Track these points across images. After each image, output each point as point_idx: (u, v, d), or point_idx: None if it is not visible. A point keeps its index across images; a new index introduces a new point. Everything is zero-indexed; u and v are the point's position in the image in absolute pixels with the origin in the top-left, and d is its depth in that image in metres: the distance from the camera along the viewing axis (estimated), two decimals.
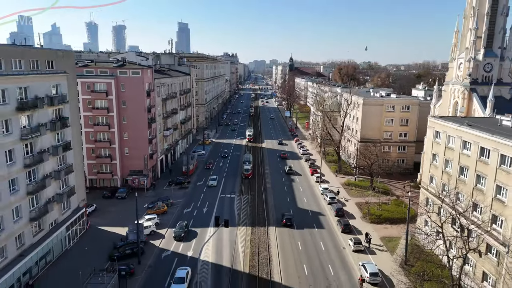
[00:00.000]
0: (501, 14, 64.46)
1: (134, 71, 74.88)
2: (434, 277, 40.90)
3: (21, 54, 43.94)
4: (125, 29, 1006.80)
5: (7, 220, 40.10)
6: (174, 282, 43.24)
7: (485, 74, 66.50)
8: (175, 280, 43.44)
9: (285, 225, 60.88)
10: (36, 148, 45.27)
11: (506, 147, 36.99)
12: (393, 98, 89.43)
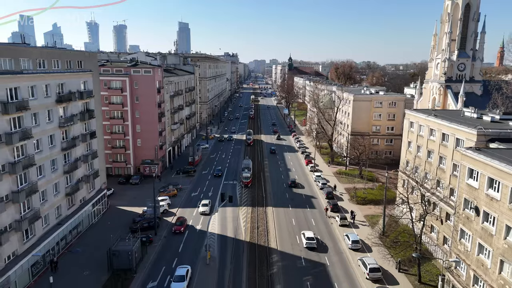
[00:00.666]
0: (473, 19, 72.86)
1: (146, 70, 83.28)
2: (404, 241, 49.39)
3: (59, 55, 52.30)
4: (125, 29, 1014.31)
5: (49, 193, 48.38)
6: (174, 280, 43.57)
7: (459, 73, 74.91)
8: (175, 278, 43.82)
9: (290, 186, 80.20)
10: (70, 135, 53.58)
11: (460, 132, 45.34)
12: (381, 95, 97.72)
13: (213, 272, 47.62)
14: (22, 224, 41.36)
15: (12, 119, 40.73)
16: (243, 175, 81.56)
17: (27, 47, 47.87)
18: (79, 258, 49.62)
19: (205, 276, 46.72)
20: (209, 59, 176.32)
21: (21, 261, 41.48)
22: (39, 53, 47.54)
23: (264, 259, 50.80)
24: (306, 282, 45.74)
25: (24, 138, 41.99)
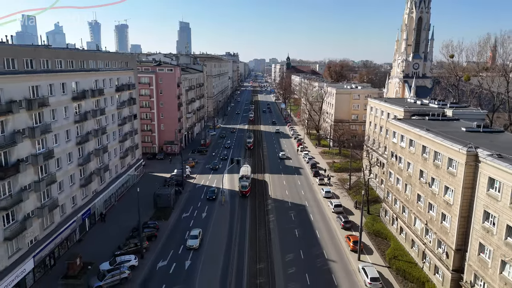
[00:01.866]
0: (424, 29, 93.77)
1: (169, 68, 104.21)
2: (361, 189, 70.42)
3: (116, 57, 73.30)
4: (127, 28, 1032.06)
5: (112, 155, 69.21)
6: (189, 238, 54.03)
7: (414, 70, 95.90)
8: (190, 236, 54.11)
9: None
10: (121, 116, 74.42)
11: (395, 110, 66.28)
12: (359, 89, 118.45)
13: (226, 210, 68.60)
14: (101, 171, 62.37)
15: (96, 101, 61.65)
16: (240, 184, 75.02)
17: (100, 52, 68.97)
18: (130, 203, 70.60)
19: (221, 212, 67.69)
20: (214, 59, 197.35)
21: (87, 207, 62.50)
22: (107, 56, 68.63)
23: (262, 202, 71.88)
24: (290, 214, 66.80)
25: (101, 114, 62.93)
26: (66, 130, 52.12)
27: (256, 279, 46.40)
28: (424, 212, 47.05)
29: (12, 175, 39.77)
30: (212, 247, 54.33)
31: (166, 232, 59.08)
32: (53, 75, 48.76)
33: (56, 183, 48.64)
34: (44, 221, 46.46)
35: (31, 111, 43.17)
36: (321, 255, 52.63)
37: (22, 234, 41.29)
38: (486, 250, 34.88)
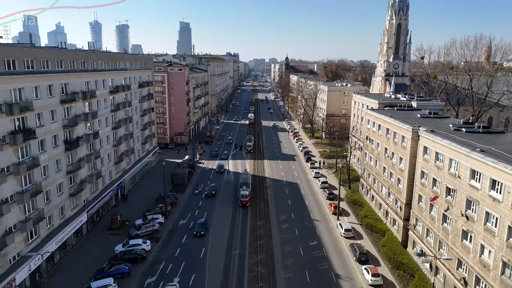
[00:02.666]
0: (402, 34, 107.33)
1: (179, 68, 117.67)
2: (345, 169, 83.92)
3: (137, 58, 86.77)
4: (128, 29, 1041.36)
5: (136, 141, 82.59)
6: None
7: (394, 70, 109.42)
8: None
9: None
10: (142, 108, 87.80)
11: (371, 103, 79.76)
12: (348, 87, 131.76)
13: (231, 186, 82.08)
14: (129, 153, 75.83)
15: (123, 95, 75.06)
16: (240, 193, 70.80)
17: (127, 55, 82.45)
18: (151, 181, 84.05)
19: (227, 188, 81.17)
20: (217, 59, 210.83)
21: (113, 186, 76.04)
22: (132, 58, 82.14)
23: (261, 180, 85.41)
24: (285, 189, 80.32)
25: (129, 106, 76.39)
26: (105, 117, 65.62)
27: (257, 231, 59.87)
28: (387, 180, 60.58)
29: (74, 148, 53.18)
30: (222, 209, 67.84)
31: (183, 202, 72.63)
32: (99, 74, 62.30)
33: (100, 158, 62.18)
34: (93, 187, 59.95)
35: (85, 100, 56.65)
36: (308, 217, 66.20)
37: (79, 193, 54.79)
38: (423, 199, 48.40)
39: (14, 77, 40.73)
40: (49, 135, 47.14)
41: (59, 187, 49.80)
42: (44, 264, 45.94)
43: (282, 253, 53.34)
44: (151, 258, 51.66)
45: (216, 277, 47.11)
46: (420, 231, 48.87)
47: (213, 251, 53.72)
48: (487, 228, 34.55)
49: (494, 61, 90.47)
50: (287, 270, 48.95)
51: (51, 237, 46.96)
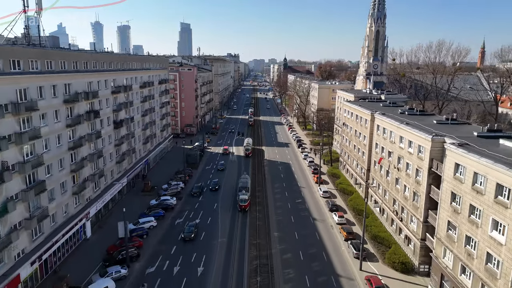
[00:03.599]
0: (380, 39, 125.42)
1: (189, 68, 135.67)
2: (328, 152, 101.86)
3: (157, 59, 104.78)
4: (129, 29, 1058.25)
5: (157, 128, 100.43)
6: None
7: (374, 70, 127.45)
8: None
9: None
10: (161, 102, 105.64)
11: (349, 96, 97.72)
12: (336, 85, 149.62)
13: (235, 164, 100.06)
14: (152, 137, 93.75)
15: (148, 90, 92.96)
16: (239, 197, 69.03)
17: (151, 57, 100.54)
18: (168, 162, 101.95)
19: (232, 165, 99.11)
20: (220, 60, 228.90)
21: (139, 164, 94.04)
22: (154, 59, 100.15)
23: (260, 161, 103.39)
24: (279, 167, 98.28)
25: (152, 98, 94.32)
26: (137, 107, 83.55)
27: (256, 195, 77.74)
28: (356, 154, 78.61)
29: (118, 128, 71.03)
30: (229, 177, 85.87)
31: (197, 175, 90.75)
32: (133, 72, 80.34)
33: (134, 138, 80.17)
34: (129, 159, 77.90)
35: (125, 92, 74.64)
36: (296, 185, 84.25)
37: (122, 162, 72.76)
38: (377, 164, 66.34)
39: (76, 74, 58.73)
40: (104, 117, 65.08)
41: (110, 155, 67.78)
42: (102, 209, 63.86)
43: (275, 207, 71.27)
44: (177, 209, 69.65)
45: (226, 218, 65.09)
46: (383, 190, 66.90)
47: (223, 203, 71.80)
48: (408, 173, 52.49)
49: (454, 62, 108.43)
50: (278, 215, 66.95)
51: (106, 190, 64.97)
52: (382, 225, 60.83)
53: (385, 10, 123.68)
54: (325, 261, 51.97)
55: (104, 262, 49.56)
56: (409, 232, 51.67)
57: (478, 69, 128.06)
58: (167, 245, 55.75)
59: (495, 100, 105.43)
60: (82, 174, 56.31)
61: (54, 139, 48.49)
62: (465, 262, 37.61)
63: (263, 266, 49.97)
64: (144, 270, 48.97)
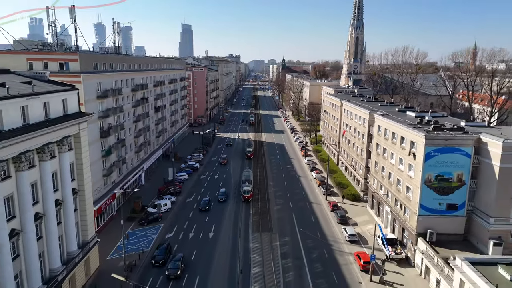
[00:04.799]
0: (360, 44, 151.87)
1: (201, 68, 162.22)
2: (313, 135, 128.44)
3: (177, 61, 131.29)
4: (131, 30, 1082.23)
5: (178, 115, 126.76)
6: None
7: (354, 70, 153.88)
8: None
9: None
10: (181, 95, 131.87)
11: (329, 90, 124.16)
12: (325, 82, 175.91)
13: (240, 144, 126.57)
14: (176, 122, 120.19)
15: (173, 85, 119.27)
16: (243, 189, 75.68)
17: (175, 59, 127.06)
18: (187, 143, 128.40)
19: (238, 143, 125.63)
20: (224, 61, 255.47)
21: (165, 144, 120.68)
22: (177, 61, 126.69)
23: (260, 143, 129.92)
24: (275, 147, 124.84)
25: (175, 92, 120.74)
26: (166, 98, 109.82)
27: (257, 163, 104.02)
28: (333, 132, 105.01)
29: (157, 112, 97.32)
30: (236, 153, 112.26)
31: (211, 151, 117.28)
32: (164, 71, 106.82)
33: (165, 120, 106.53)
34: (163, 136, 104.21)
35: (161, 86, 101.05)
36: (287, 157, 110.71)
37: (159, 137, 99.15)
38: (345, 137, 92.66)
39: (139, 72, 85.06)
40: (150, 103, 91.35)
41: (153, 131, 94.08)
42: (149, 169, 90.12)
43: (271, 169, 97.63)
44: (200, 171, 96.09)
45: (236, 175, 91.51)
46: (345, 153, 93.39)
47: (232, 169, 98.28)
48: (358, 138, 78.71)
49: (416, 63, 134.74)
50: (273, 173, 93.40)
51: (151, 155, 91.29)
52: (344, 177, 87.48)
53: (363, 20, 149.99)
54: (303, 196, 78.47)
55: (159, 195, 75.92)
56: (358, 175, 78.30)
57: (435, 69, 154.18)
58: (197, 188, 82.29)
59: (450, 94, 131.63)
60: (139, 141, 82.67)
61: (127, 115, 74.84)
62: (381, 182, 64.06)
63: (263, 196, 76.40)
64: (185, 200, 75.38)
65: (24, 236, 34.16)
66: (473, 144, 48.30)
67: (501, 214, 46.43)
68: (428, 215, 50.17)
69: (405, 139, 54.38)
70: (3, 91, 33.32)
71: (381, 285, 47.17)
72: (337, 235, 60.95)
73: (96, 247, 48.76)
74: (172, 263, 49.00)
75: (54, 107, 39.82)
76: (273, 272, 49.87)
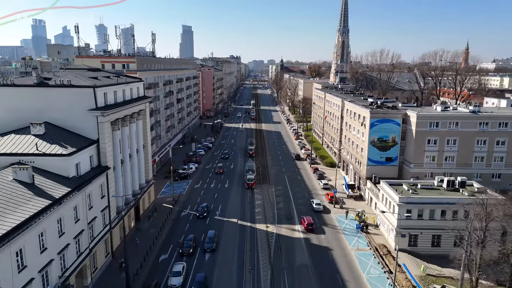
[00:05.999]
0: (345, 47, 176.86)
1: (208, 68, 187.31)
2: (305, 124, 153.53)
3: (189, 62, 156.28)
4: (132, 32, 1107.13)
5: (192, 107, 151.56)
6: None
7: (341, 69, 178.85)
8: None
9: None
10: (194, 91, 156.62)
11: (317, 85, 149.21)
12: (316, 80, 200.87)
13: (243, 133, 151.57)
14: (190, 113, 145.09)
15: (188, 82, 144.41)
16: (247, 177, 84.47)
17: (188, 60, 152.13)
18: (199, 131, 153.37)
19: (241, 133, 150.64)
20: (227, 62, 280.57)
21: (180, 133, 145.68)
22: (190, 63, 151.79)
23: (261, 131, 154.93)
24: (273, 134, 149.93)
25: (189, 88, 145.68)
26: (184, 91, 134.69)
27: (258, 142, 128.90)
28: (319, 119, 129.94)
29: (179, 103, 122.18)
30: (241, 138, 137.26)
31: (220, 136, 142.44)
32: (183, 71, 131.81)
33: (184, 110, 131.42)
34: (182, 123, 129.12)
35: (182, 82, 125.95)
36: (283, 140, 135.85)
37: (179, 123, 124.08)
38: (323, 120, 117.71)
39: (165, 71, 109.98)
40: (174, 95, 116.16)
41: (175, 118, 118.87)
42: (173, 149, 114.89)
43: (269, 148, 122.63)
44: (212, 149, 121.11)
45: (242, 146, 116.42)
46: (326, 133, 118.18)
47: (238, 149, 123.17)
48: (335, 121, 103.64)
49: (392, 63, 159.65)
50: (271, 151, 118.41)
51: (174, 137, 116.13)
52: (326, 151, 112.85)
53: (348, 27, 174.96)
54: (293, 165, 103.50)
55: (184, 164, 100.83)
56: (334, 148, 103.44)
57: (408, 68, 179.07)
58: (213, 160, 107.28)
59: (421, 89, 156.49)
60: (167, 124, 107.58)
61: (161, 103, 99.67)
62: (348, 149, 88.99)
63: (264, 166, 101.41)
64: (204, 167, 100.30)
65: (124, 165, 58.92)
66: (401, 117, 73.20)
67: (417, 161, 71.29)
68: (374, 165, 75.03)
69: (360, 115, 79.30)
70: (114, 81, 58.19)
71: (340, 209, 72.12)
72: (315, 186, 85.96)
73: (152, 186, 73.64)
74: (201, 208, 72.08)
75: (133, 91, 64.66)
76: (270, 203, 74.81)
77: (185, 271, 48.94)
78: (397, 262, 46.62)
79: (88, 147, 47.72)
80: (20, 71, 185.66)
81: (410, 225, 55.63)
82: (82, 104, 49.02)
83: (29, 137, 44.86)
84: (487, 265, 45.89)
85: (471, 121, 69.94)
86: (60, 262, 38.61)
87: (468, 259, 44.07)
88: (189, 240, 56.09)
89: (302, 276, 49.61)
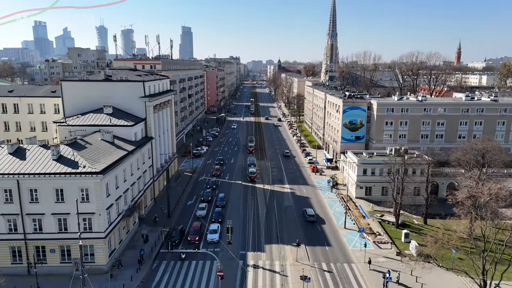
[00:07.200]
0: (334, 49, 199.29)
1: (212, 68, 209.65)
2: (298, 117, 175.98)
3: (196, 63, 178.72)
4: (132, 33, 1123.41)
5: (199, 103, 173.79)
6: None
7: (330, 68, 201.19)
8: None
9: None
10: (201, 88, 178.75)
11: (309, 83, 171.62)
12: (309, 79, 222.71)
13: (245, 125, 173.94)
14: (198, 107, 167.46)
15: (196, 80, 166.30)
16: (249, 171, 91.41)
17: (196, 61, 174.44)
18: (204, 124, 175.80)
19: (243, 124, 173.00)
20: (228, 62, 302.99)
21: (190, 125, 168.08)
22: (197, 63, 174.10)
23: (259, 124, 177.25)
24: (270, 126, 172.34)
25: (196, 86, 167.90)
26: (193, 88, 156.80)
27: (256, 132, 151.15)
28: (309, 113, 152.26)
29: (189, 98, 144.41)
30: (242, 128, 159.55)
31: (224, 127, 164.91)
32: (193, 70, 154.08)
33: (193, 105, 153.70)
34: (192, 115, 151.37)
35: (193, 80, 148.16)
36: (278, 130, 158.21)
37: (190, 116, 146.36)
38: (312, 111, 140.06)
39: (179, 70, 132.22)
40: (187, 91, 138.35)
41: (187, 110, 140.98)
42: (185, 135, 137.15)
43: (267, 135, 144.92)
44: (218, 137, 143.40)
45: (243, 130, 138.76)
46: (314, 122, 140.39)
47: (240, 134, 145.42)
48: (320, 110, 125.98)
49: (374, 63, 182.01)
50: (268, 137, 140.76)
51: (187, 126, 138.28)
52: (313, 137, 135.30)
53: (336, 31, 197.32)
54: (286, 147, 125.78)
55: (196, 147, 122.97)
56: (319, 134, 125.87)
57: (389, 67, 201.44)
58: (219, 144, 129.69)
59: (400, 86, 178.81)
60: (182, 114, 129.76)
61: (177, 97, 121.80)
62: (329, 133, 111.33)
63: (262, 148, 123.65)
64: (213, 149, 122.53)
65: (160, 138, 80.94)
66: (367, 105, 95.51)
67: (378, 138, 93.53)
68: (346, 142, 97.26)
69: (336, 104, 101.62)
70: (152, 77, 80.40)
71: (320, 176, 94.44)
72: (303, 162, 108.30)
73: (176, 159, 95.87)
74: (211, 182, 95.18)
75: (163, 86, 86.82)
76: (266, 172, 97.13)
77: (207, 207, 71.45)
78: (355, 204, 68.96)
79: (140, 123, 69.89)
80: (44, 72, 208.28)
81: (366, 180, 77.94)
82: (135, 93, 71.14)
83: (103, 115, 66.99)
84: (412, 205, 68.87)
85: (418, 107, 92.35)
86: (131, 193, 60.76)
87: (395, 201, 65.83)
88: (208, 192, 78.44)
89: (287, 211, 71.92)
